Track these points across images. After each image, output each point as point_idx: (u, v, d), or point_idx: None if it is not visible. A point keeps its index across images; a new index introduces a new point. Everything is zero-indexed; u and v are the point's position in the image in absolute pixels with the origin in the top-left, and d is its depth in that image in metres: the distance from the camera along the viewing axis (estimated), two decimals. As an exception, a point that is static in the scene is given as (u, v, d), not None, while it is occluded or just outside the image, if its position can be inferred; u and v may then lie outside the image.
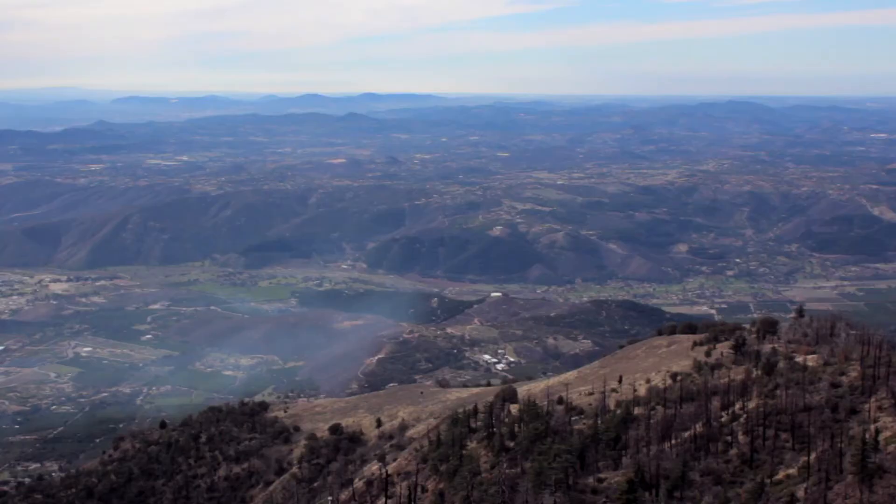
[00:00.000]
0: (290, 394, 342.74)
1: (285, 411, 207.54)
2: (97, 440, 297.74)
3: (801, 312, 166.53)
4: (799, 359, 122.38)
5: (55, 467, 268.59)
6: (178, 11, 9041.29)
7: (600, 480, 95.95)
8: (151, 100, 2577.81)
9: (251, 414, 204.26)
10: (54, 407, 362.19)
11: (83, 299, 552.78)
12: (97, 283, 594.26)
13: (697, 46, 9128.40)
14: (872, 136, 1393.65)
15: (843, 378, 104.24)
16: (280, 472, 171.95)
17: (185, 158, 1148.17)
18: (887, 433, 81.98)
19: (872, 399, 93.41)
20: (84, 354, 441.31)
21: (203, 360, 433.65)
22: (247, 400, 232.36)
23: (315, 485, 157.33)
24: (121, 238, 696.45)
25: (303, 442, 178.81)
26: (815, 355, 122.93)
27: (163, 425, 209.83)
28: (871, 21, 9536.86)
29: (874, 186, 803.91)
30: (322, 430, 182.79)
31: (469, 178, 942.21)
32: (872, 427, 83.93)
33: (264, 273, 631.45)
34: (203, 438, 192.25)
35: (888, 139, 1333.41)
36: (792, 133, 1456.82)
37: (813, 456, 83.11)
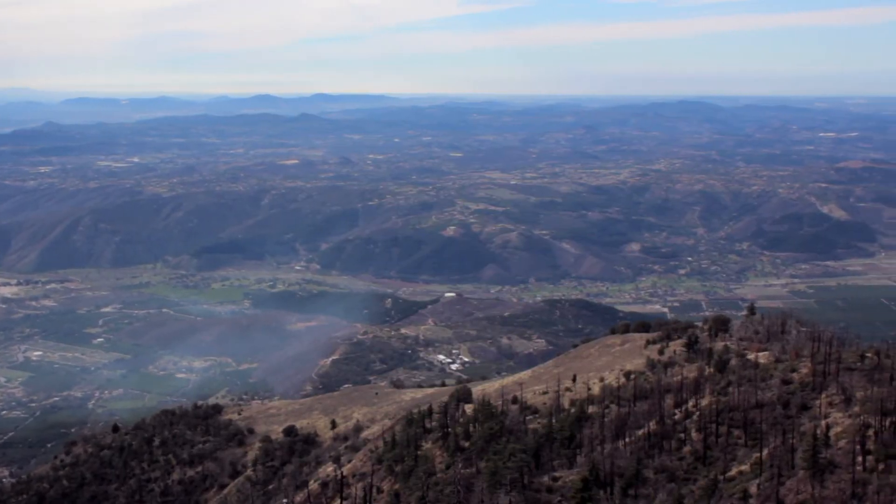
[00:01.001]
0: (244, 396, 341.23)
1: (239, 413, 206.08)
2: (49, 445, 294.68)
3: (752, 310, 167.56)
4: (751, 356, 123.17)
5: (6, 473, 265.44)
6: (128, 12, 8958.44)
7: (555, 479, 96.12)
8: (101, 101, 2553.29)
9: (205, 417, 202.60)
10: (5, 412, 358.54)
11: (33, 303, 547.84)
12: (47, 287, 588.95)
13: (649, 47, 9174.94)
14: (821, 135, 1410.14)
15: (795, 375, 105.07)
16: (234, 474, 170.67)
17: (136, 160, 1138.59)
18: (838, 429, 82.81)
19: (823, 395, 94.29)
20: (34, 358, 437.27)
21: (156, 363, 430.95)
22: (200, 402, 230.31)
23: (270, 487, 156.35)
24: (71, 241, 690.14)
25: (257, 444, 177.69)
26: (766, 353, 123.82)
27: (115, 429, 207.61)
28: (820, 22, 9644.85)
29: (823, 185, 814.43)
30: (276, 432, 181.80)
31: (422, 178, 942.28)
32: (823, 423, 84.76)
33: (217, 275, 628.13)
34: (156, 442, 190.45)
35: (836, 138, 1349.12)
36: (742, 132, 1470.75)
37: (765, 452, 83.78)
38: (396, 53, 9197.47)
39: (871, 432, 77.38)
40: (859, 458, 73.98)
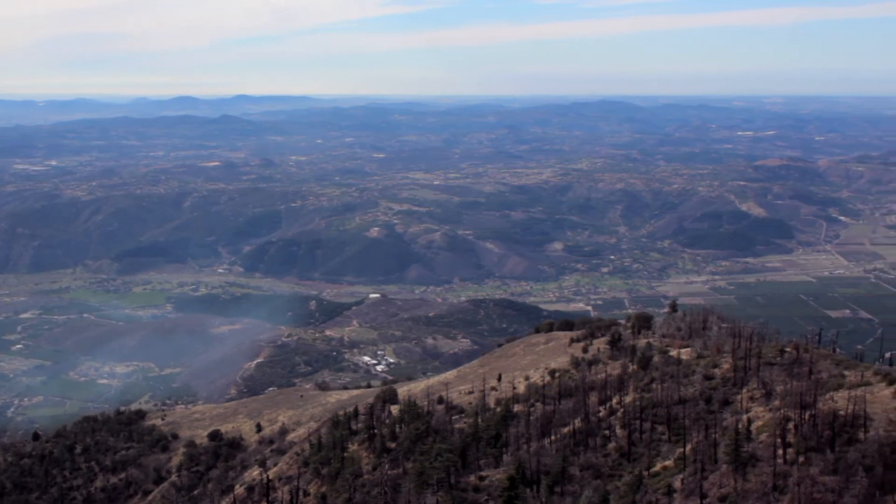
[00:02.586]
0: (168, 401, 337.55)
1: (163, 419, 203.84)
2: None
3: (674, 307, 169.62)
4: (673, 352, 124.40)
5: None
6: (44, 13, 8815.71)
7: (482, 478, 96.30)
8: (18, 103, 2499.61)
9: (128, 423, 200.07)
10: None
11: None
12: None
13: (570, 47, 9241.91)
14: (739, 133, 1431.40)
15: (716, 370, 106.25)
16: (159, 480, 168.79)
17: (53, 163, 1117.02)
18: (759, 423, 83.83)
19: (744, 390, 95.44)
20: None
21: (77, 369, 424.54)
22: (123, 408, 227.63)
23: (195, 492, 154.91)
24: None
25: (181, 449, 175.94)
26: (688, 349, 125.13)
27: (36, 437, 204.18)
28: (737, 22, 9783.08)
29: (742, 183, 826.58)
30: (201, 436, 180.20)
31: (345, 179, 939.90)
32: (745, 417, 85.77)
33: (138, 279, 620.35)
34: (78, 449, 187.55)
35: (755, 137, 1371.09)
36: (662, 131, 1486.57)
37: (688, 447, 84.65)
38: (318, 54, 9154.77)
39: (791, 425, 78.46)
40: (780, 451, 74.97)
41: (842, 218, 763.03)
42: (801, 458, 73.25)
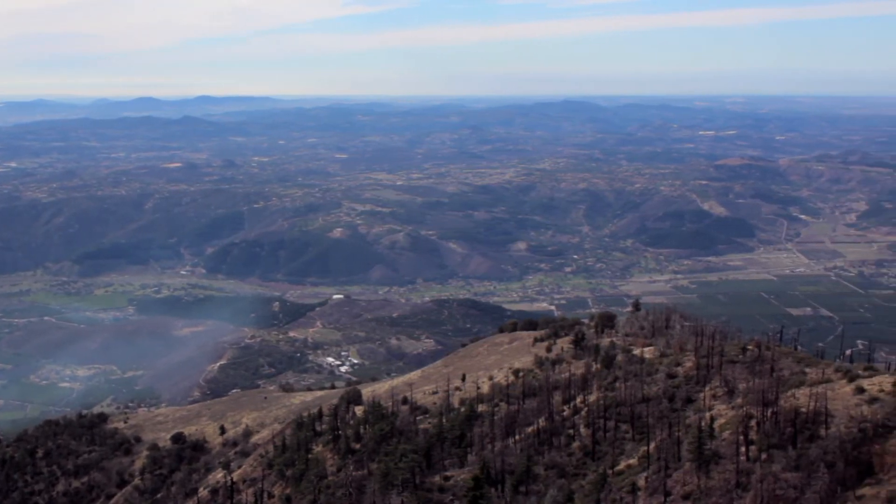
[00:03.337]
0: (131, 404, 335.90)
1: (125, 422, 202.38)
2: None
3: (637, 306, 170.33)
4: (636, 351, 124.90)
5: None
6: (4, 13, 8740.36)
7: (447, 478, 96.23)
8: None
9: (90, 426, 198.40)
10: None
11: None
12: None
13: (533, 47, 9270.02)
14: (701, 133, 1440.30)
15: (679, 369, 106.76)
16: (122, 484, 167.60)
17: (13, 165, 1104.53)
18: (722, 420, 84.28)
19: (707, 388, 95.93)
20: None
21: (37, 373, 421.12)
22: (85, 412, 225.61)
23: (158, 496, 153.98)
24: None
25: (144, 452, 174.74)
26: (651, 347, 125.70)
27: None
28: (699, 23, 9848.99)
29: (703, 182, 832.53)
30: (164, 439, 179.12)
31: (308, 180, 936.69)
32: (707, 415, 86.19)
33: (100, 281, 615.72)
34: (40, 453, 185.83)
35: (716, 136, 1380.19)
36: (624, 131, 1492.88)
37: (652, 445, 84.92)
38: (280, 55, 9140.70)
39: (753, 423, 78.91)
40: (743, 449, 75.41)
41: (802, 217, 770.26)
42: (763, 455, 73.67)
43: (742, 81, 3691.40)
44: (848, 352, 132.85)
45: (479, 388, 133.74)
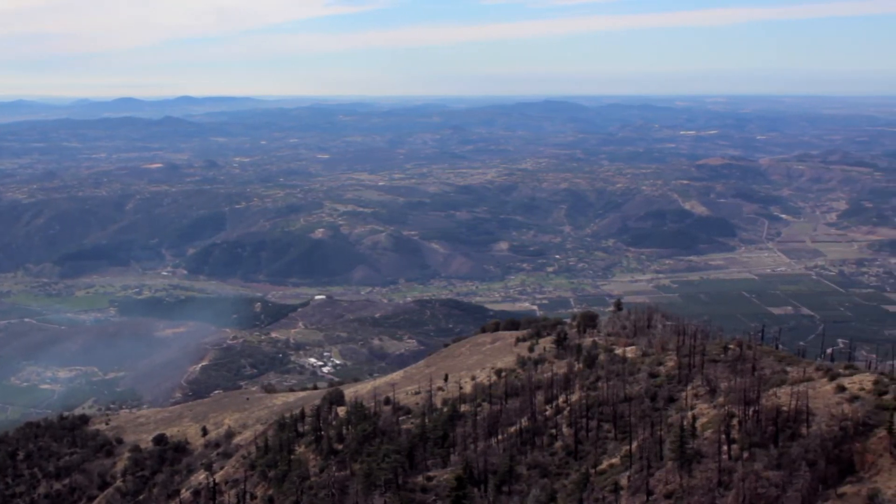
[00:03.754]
0: (112, 405, 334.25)
1: (107, 423, 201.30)
2: None
3: (619, 306, 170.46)
4: (618, 351, 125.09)
5: None
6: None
7: (429, 479, 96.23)
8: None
9: (71, 428, 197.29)
10: None
11: None
12: None
13: (515, 48, 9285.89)
14: (682, 133, 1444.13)
15: (661, 368, 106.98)
16: (103, 486, 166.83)
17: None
18: (704, 419, 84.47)
19: (689, 387, 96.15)
20: None
21: (18, 375, 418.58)
22: (66, 414, 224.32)
23: (140, 497, 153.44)
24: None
25: (126, 454, 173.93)
26: (633, 347, 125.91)
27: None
28: (680, 23, 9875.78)
29: (685, 182, 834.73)
30: (146, 441, 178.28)
31: (290, 180, 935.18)
32: (689, 414, 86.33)
33: (81, 282, 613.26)
34: (21, 456, 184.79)
35: (697, 136, 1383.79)
36: (606, 131, 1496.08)
37: (634, 444, 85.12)
38: (261, 55, 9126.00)
39: (735, 422, 79.14)
40: (725, 448, 75.59)
41: (783, 216, 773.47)
42: (745, 454, 73.90)
43: (724, 81, 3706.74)
44: (829, 350, 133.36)
45: (461, 388, 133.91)
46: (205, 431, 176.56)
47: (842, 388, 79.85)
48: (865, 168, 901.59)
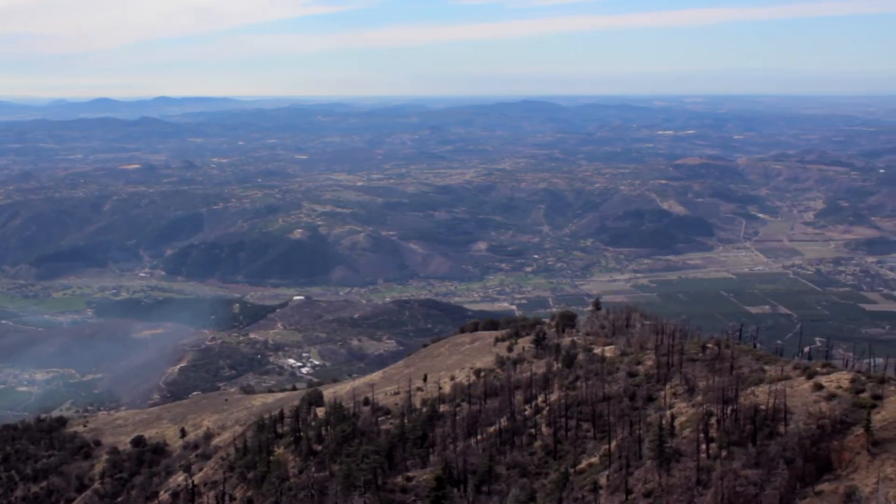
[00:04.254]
0: (90, 407, 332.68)
1: (85, 426, 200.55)
2: None
3: (597, 305, 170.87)
4: (597, 350, 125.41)
5: None
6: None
7: (409, 479, 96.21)
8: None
9: (48, 430, 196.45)
10: None
11: None
12: None
13: (493, 48, 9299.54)
14: (660, 133, 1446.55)
15: (640, 367, 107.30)
16: (81, 488, 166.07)
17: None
18: (682, 418, 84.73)
19: (667, 386, 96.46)
20: None
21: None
22: (43, 416, 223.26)
23: (119, 500, 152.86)
24: None
25: (104, 456, 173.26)
26: (612, 346, 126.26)
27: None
28: (659, 23, 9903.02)
29: (663, 182, 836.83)
30: (124, 443, 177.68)
31: (268, 181, 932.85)
32: (668, 413, 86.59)
33: (58, 284, 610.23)
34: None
35: (675, 136, 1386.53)
36: (584, 131, 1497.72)
37: (613, 444, 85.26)
38: (239, 55, 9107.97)
39: (713, 420, 79.39)
40: (703, 446, 75.79)
41: (760, 215, 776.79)
42: (723, 453, 74.14)
43: (702, 81, 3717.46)
44: (806, 349, 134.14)
45: (440, 388, 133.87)
46: (183, 433, 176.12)
47: (819, 387, 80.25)
48: (842, 167, 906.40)
